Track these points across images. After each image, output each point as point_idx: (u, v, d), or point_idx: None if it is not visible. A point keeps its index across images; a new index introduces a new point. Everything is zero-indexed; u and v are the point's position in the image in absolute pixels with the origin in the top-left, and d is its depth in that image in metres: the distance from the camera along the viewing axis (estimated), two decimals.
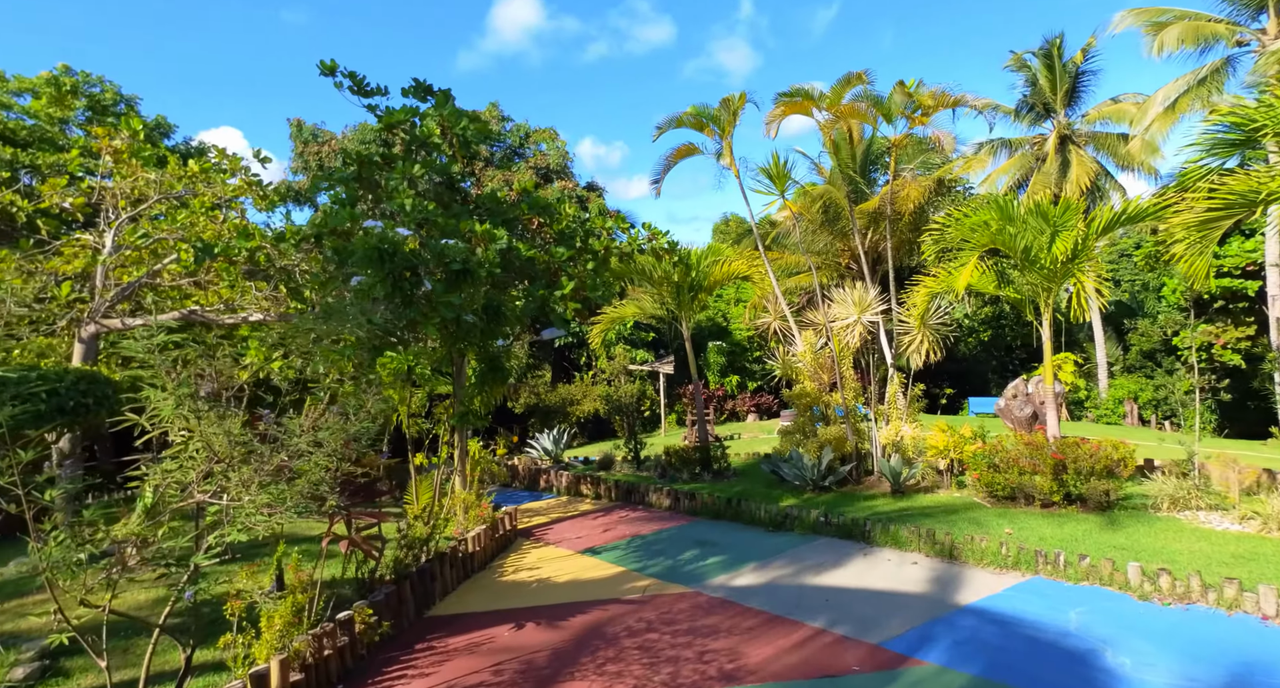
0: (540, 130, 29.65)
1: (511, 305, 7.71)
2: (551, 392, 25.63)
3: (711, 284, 14.29)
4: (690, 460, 14.29)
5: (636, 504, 12.22)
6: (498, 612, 6.52)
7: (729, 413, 31.20)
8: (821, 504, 10.24)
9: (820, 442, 11.52)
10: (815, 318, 11.84)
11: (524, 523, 11.39)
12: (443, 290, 6.38)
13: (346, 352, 5.80)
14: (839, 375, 10.94)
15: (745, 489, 12.18)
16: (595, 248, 9.74)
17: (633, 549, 8.94)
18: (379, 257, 6.10)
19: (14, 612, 6.05)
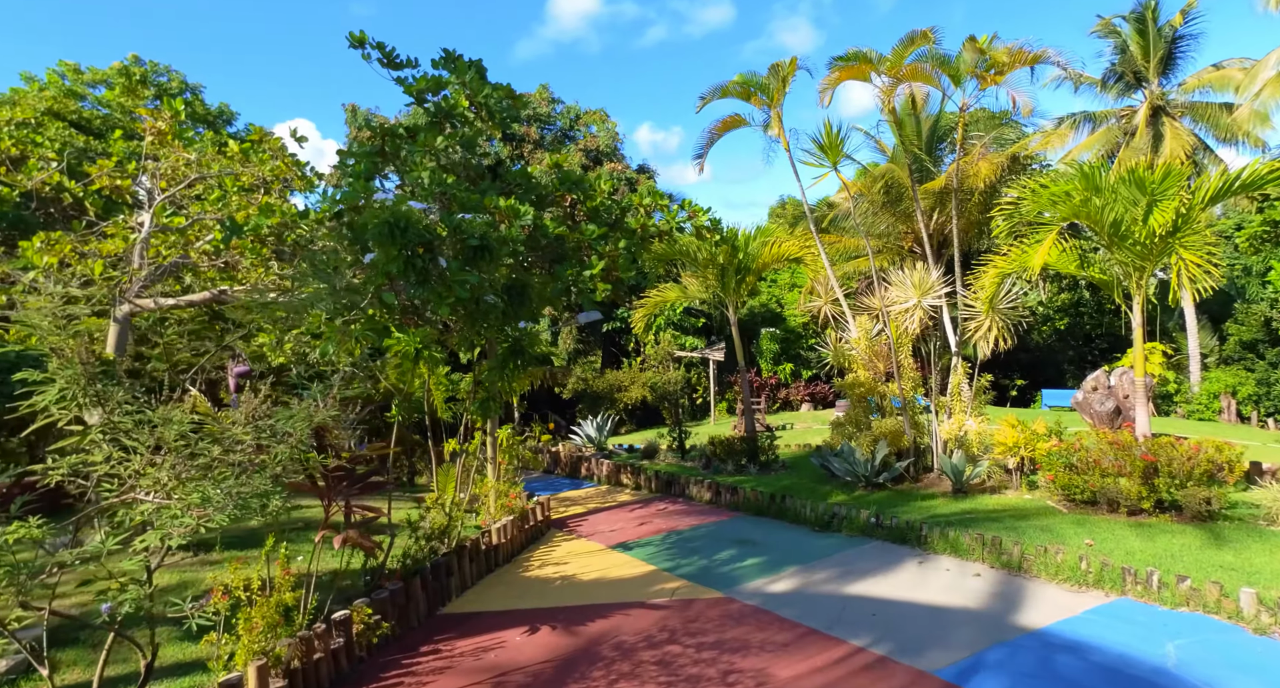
0: (590, 112, 29.14)
1: (536, 286, 7.24)
2: (599, 377, 25.30)
3: (760, 267, 13.52)
4: (736, 451, 13.65)
5: (676, 496, 11.68)
6: (514, 612, 6.10)
7: (782, 402, 30.25)
8: (873, 503, 9.46)
9: (874, 435, 10.69)
10: (871, 302, 10.96)
11: (559, 513, 11.03)
12: (458, 268, 5.95)
13: (354, 332, 5.45)
14: (896, 364, 10.05)
15: (792, 484, 11.47)
16: (631, 226, 9.17)
17: (666, 546, 8.42)
18: (390, 232, 5.70)
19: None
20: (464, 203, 6.84)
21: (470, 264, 6.23)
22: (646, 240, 9.62)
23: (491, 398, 6.76)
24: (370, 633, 4.75)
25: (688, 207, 9.64)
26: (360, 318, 5.84)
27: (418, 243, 5.87)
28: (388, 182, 7.33)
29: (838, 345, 11.57)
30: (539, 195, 8.55)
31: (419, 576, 5.78)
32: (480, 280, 6.42)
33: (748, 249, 13.36)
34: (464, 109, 7.96)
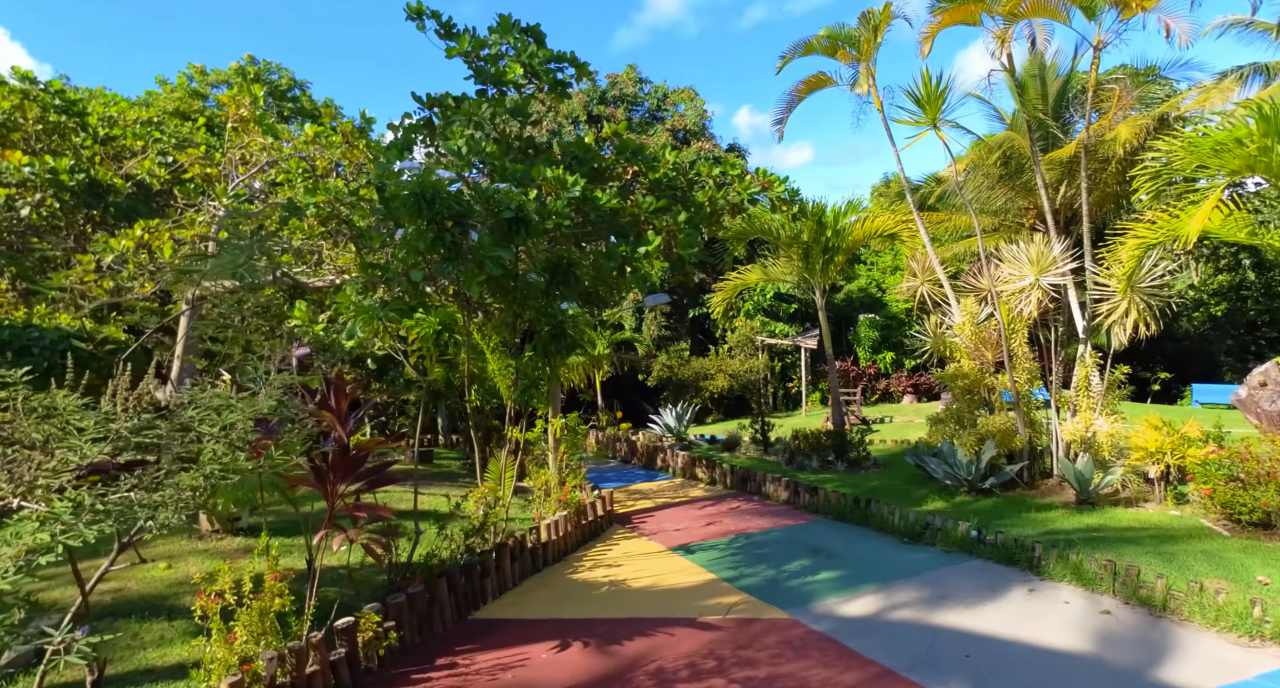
0: (679, 90, 28.21)
1: (585, 264, 6.60)
2: (685, 365, 24.56)
3: (851, 245, 12.28)
4: (822, 446, 12.57)
5: (751, 494, 10.81)
6: (549, 622, 5.54)
7: (881, 393, 28.33)
8: (976, 513, 8.21)
9: (980, 433, 9.35)
10: (979, 282, 9.56)
11: (626, 507, 10.46)
12: (490, 243, 5.40)
13: (376, 312, 5.04)
14: (1007, 352, 8.67)
15: (882, 485, 10.31)
16: (698, 200, 8.34)
17: (732, 551, 7.62)
18: (418, 203, 5.23)
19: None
20: (504, 173, 6.28)
21: (505, 239, 5.67)
22: (716, 215, 8.77)
23: (534, 384, 6.22)
24: (378, 643, 4.32)
25: (762, 176, 8.68)
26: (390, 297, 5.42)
27: (447, 215, 5.36)
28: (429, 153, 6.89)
29: (937, 332, 10.23)
30: (596, 167, 7.90)
31: (445, 577, 5.32)
32: (515, 256, 5.86)
33: (836, 226, 12.17)
34: (516, 75, 7.42)
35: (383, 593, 5.13)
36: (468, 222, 5.59)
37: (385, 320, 5.13)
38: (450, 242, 5.37)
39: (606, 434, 17.87)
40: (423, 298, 5.46)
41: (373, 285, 5.41)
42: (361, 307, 5.17)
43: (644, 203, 7.18)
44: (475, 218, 5.66)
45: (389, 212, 5.43)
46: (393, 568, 5.27)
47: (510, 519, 8.90)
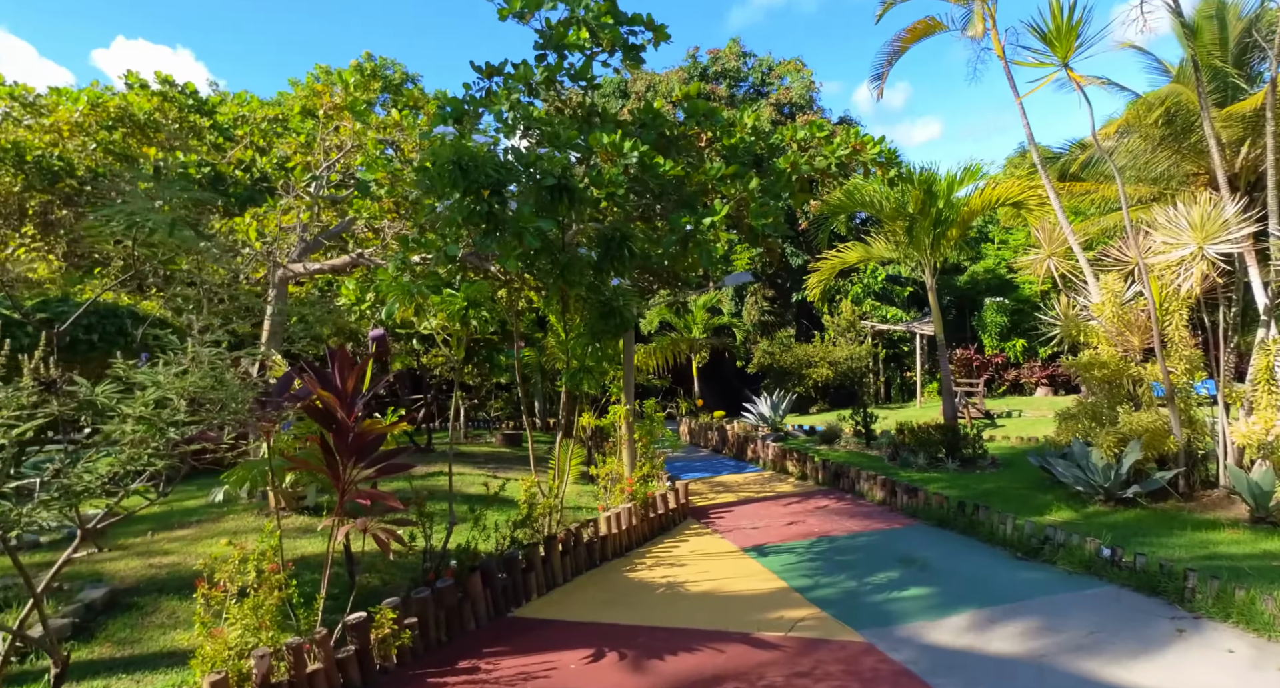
0: (785, 63, 26.77)
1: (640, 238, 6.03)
2: (787, 352, 23.43)
3: (967, 217, 10.87)
4: (930, 441, 11.33)
5: (844, 492, 9.87)
6: (591, 626, 5.10)
7: (1010, 384, 25.73)
8: (1111, 527, 6.90)
9: (1122, 433, 7.89)
10: (1124, 253, 8.06)
11: (706, 500, 9.87)
12: (531, 213, 4.97)
13: (410, 287, 4.76)
14: (1159, 337, 7.18)
15: (998, 488, 9.05)
16: (779, 166, 7.53)
17: (810, 556, 6.85)
18: (453, 172, 4.90)
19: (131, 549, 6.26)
20: (554, 139, 5.84)
21: (548, 209, 5.22)
22: (802, 183, 7.92)
23: (584, 368, 5.76)
24: (389, 643, 4.04)
25: (853, 136, 7.71)
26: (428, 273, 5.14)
27: (484, 184, 4.99)
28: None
29: (1069, 314, 8.76)
30: (665, 135, 7.29)
31: (481, 571, 5.00)
32: (559, 227, 5.40)
33: (949, 195, 10.80)
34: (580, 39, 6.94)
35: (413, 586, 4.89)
36: (507, 191, 5.19)
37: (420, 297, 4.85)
38: (487, 213, 5.00)
39: (699, 423, 17.29)
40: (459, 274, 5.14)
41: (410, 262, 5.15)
42: (400, 283, 4.91)
43: (710, 169, 6.50)
44: (517, 187, 5.26)
45: (429, 183, 5.13)
46: (429, 557, 5.02)
47: (578, 508, 8.59)
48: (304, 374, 3.73)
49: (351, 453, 3.75)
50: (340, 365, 3.67)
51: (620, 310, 5.51)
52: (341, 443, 3.70)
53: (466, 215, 5.01)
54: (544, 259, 5.38)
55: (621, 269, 5.91)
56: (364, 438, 3.76)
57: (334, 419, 3.64)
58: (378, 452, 4.02)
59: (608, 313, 5.51)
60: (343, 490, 3.83)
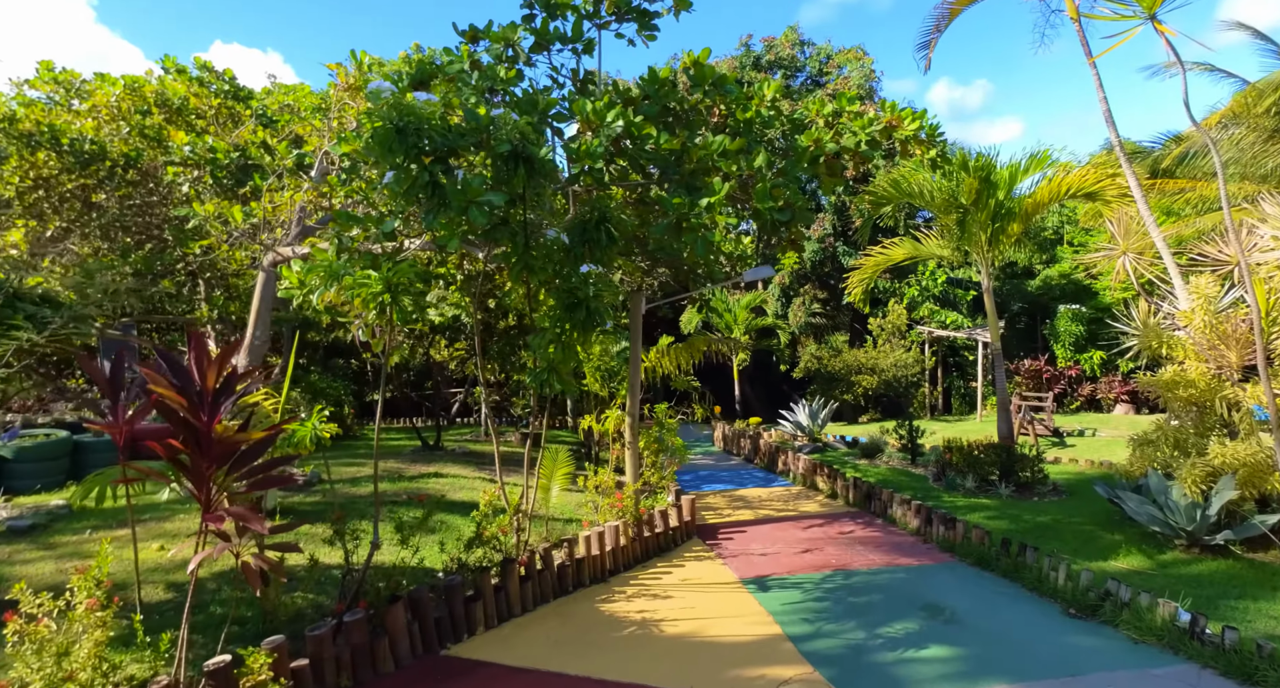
0: (844, 51, 25.35)
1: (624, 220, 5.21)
2: (836, 356, 22.09)
3: (1031, 209, 9.56)
4: (981, 462, 10.08)
5: (875, 516, 8.78)
6: (530, 674, 4.32)
7: (1085, 400, 23.60)
8: (1194, 582, 5.66)
9: (1212, 465, 6.58)
10: (1221, 251, 6.74)
11: (722, 516, 8.97)
12: (479, 185, 4.25)
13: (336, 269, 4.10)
14: (1263, 353, 5.87)
15: (1056, 522, 7.82)
16: (801, 144, 6.59)
17: (819, 594, 5.89)
18: (393, 135, 4.23)
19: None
20: (530, 104, 5.09)
21: (503, 182, 4.48)
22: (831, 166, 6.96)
23: (552, 368, 5.00)
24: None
25: (890, 110, 6.68)
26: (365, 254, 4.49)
27: (426, 150, 4.29)
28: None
29: (1149, 322, 7.44)
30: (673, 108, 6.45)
31: (410, 600, 4.30)
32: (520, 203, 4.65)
33: (1011, 186, 9.54)
34: None
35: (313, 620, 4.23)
36: (454, 160, 4.48)
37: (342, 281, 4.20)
38: (429, 183, 4.29)
39: (733, 429, 16.31)
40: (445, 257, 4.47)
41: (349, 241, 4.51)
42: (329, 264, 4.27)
43: (710, 143, 5.63)
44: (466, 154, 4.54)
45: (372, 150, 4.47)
46: (347, 583, 4.35)
47: (570, 521, 7.85)
48: (150, 362, 3.10)
49: (214, 462, 3.11)
50: (198, 355, 3.03)
51: (587, 302, 4.71)
52: (200, 450, 3.06)
53: (407, 187, 4.33)
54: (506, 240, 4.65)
55: (600, 255, 5.12)
56: (228, 446, 3.10)
57: (188, 423, 2.99)
58: (264, 459, 3.36)
59: (573, 305, 4.72)
60: (205, 505, 3.18)
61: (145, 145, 13.14)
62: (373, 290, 3.70)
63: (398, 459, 10.23)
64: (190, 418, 2.97)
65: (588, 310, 4.73)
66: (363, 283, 3.71)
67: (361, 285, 3.71)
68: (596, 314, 4.76)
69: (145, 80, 13.32)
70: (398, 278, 3.76)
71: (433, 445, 11.33)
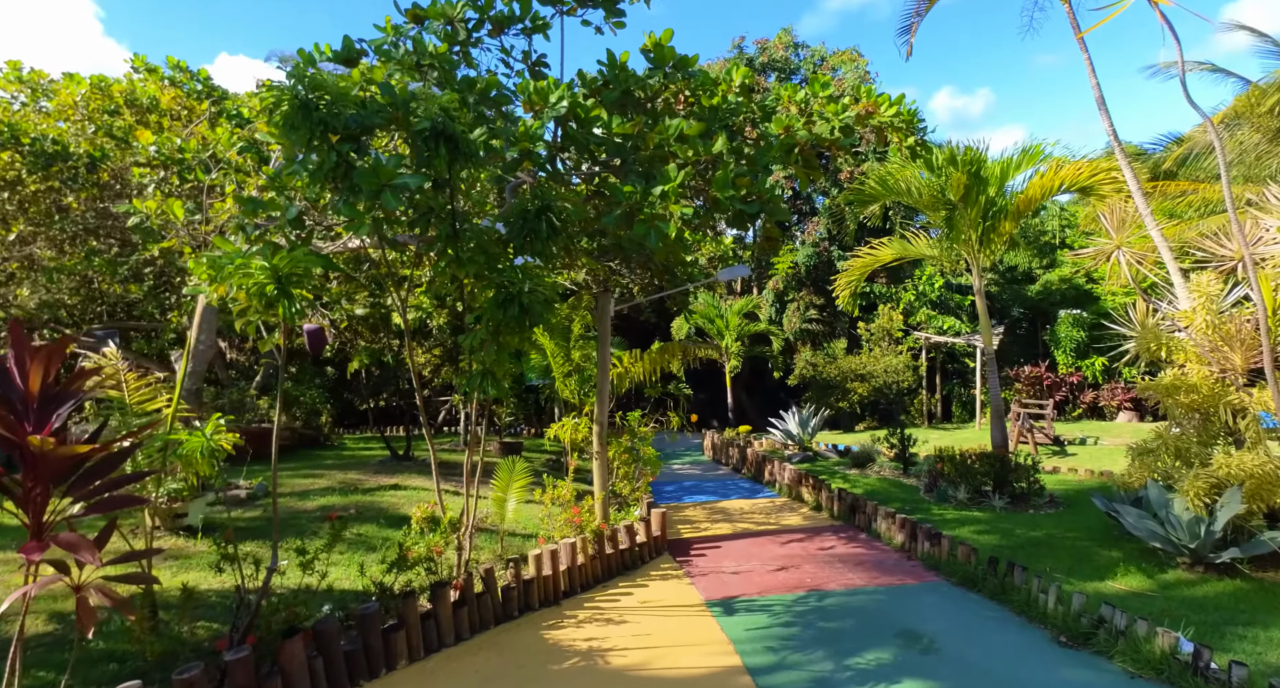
0: (839, 53, 24.98)
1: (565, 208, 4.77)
2: (831, 363, 21.60)
3: (1023, 205, 9.11)
4: (974, 472, 9.58)
5: (859, 530, 8.29)
6: None
7: (1088, 408, 23.04)
8: (1198, 606, 5.16)
9: (1216, 477, 6.08)
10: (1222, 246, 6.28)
11: (699, 530, 8.48)
12: (394, 167, 3.82)
13: (227, 260, 3.63)
14: (1269, 355, 5.40)
15: (1050, 537, 7.32)
16: (771, 131, 6.17)
17: (788, 619, 5.40)
18: (298, 111, 3.81)
19: None
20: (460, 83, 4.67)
21: (426, 164, 4.05)
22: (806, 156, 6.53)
23: (487, 372, 4.55)
24: None
25: (866, 95, 6.25)
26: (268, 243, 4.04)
27: (335, 128, 3.87)
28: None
29: (1147, 323, 6.96)
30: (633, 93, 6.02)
31: (313, 633, 3.83)
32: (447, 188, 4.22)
33: (1003, 181, 9.09)
34: None
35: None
36: (372, 141, 4.05)
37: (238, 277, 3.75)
38: (336, 165, 3.86)
39: (723, 438, 15.82)
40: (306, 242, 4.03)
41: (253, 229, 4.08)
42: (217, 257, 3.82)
43: (669, 127, 5.20)
44: (382, 134, 4.12)
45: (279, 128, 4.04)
46: (239, 614, 3.87)
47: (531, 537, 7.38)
48: None
49: (42, 481, 2.66)
50: (18, 354, 2.58)
51: (521, 298, 4.26)
52: (26, 467, 2.61)
53: (315, 168, 3.90)
54: (429, 229, 4.21)
55: (541, 247, 4.69)
56: (59, 462, 2.65)
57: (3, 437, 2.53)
58: (107, 478, 2.91)
59: (505, 301, 4.27)
60: (33, 532, 2.72)
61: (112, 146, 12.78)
62: (256, 281, 3.26)
63: (361, 471, 9.76)
64: (5, 430, 2.52)
65: (521, 307, 4.27)
66: (244, 272, 3.27)
67: (243, 275, 3.27)
68: (531, 311, 4.31)
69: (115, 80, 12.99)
70: (290, 268, 3.32)
71: (402, 456, 10.86)
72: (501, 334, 4.42)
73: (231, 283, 3.30)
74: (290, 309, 3.32)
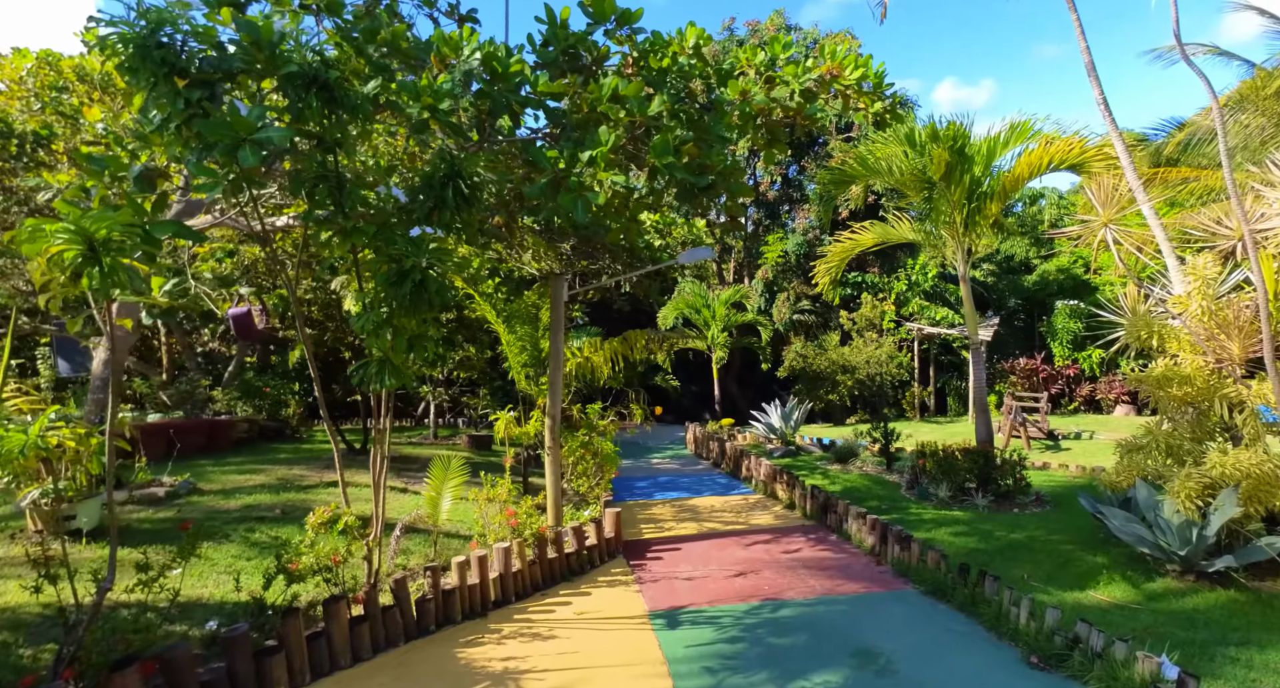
0: (832, 36, 24.28)
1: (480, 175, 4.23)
2: (821, 354, 21.03)
3: (1011, 184, 8.54)
4: (958, 469, 9.06)
5: (831, 530, 7.79)
6: None
7: (1084, 401, 22.49)
8: (1187, 620, 4.65)
9: (1209, 477, 5.55)
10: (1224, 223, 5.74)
11: (662, 531, 7.98)
12: (256, 117, 3.28)
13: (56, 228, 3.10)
14: (1270, 343, 4.85)
15: (1032, 540, 6.82)
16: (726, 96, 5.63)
17: (736, 633, 4.90)
18: (142, 52, 3.27)
19: None
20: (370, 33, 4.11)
21: (295, 116, 3.51)
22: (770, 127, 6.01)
23: (384, 361, 4.02)
24: None
25: (830, 56, 5.70)
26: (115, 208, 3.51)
27: (184, 71, 3.33)
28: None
29: (1138, 310, 6.41)
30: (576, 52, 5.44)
31: (139, 665, 3.30)
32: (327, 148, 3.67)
33: (988, 159, 8.53)
34: None
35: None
36: (228, 88, 3.50)
37: None
38: (185, 112, 3.32)
39: (705, 431, 15.30)
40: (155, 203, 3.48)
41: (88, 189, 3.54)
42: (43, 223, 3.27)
43: (603, 87, 4.65)
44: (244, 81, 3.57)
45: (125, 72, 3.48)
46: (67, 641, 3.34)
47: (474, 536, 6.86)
48: None
49: None
50: None
51: (414, 274, 3.72)
52: None
53: (164, 119, 3.36)
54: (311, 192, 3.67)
55: (449, 219, 4.15)
56: None
57: None
58: None
59: (398, 278, 3.74)
60: None
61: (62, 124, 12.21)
62: (60, 246, 2.72)
63: (310, 466, 9.26)
64: None
65: (414, 285, 3.74)
66: (39, 237, 2.72)
67: (38, 238, 2.72)
68: (428, 289, 3.78)
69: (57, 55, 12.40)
70: (102, 230, 2.78)
71: (358, 449, 10.36)
72: (396, 317, 3.88)
73: (25, 248, 2.76)
74: (105, 281, 2.78)
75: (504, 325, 8.21)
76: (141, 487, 6.63)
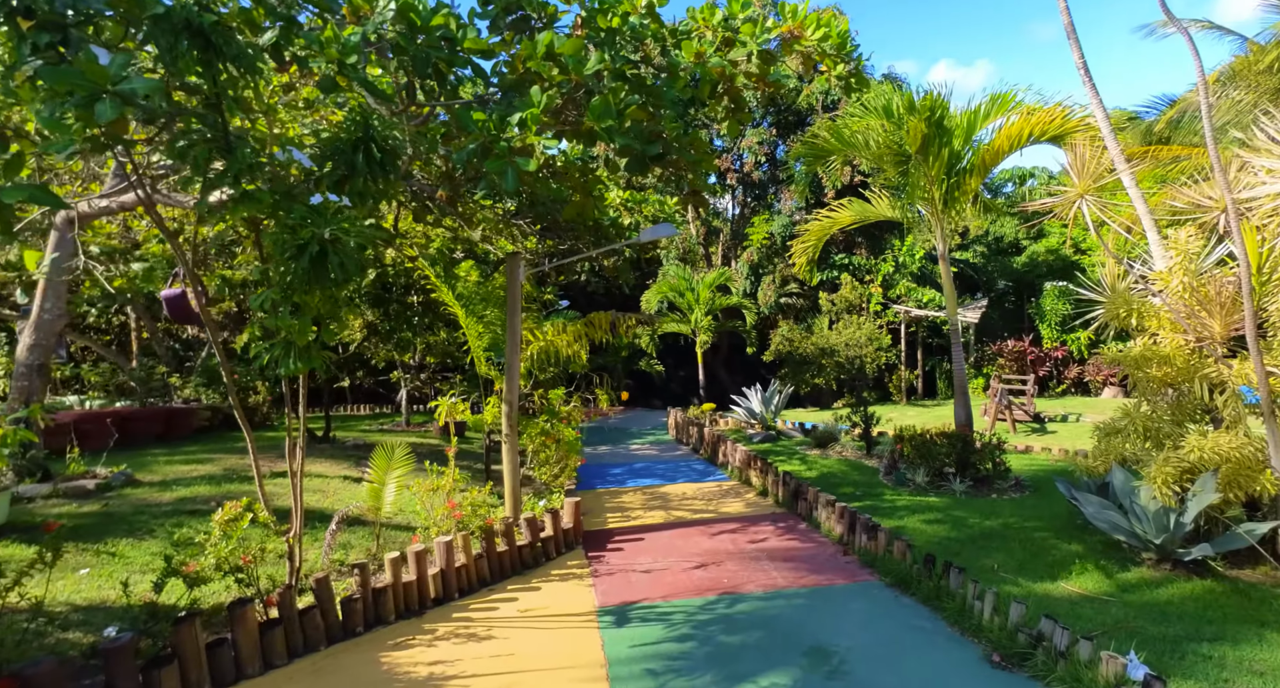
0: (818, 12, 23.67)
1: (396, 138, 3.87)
2: (807, 338, 20.74)
3: (990, 158, 8.19)
4: (935, 453, 8.80)
5: (801, 518, 7.52)
6: None
7: (1072, 383, 22.30)
8: (1160, 614, 4.39)
9: (1188, 461, 5.28)
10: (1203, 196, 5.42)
11: (628, 520, 7.70)
12: (121, 64, 2.91)
13: None
14: (1253, 320, 4.55)
15: (1007, 527, 6.56)
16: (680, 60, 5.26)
17: (688, 629, 4.62)
18: None
19: None
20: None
21: (171, 66, 3.13)
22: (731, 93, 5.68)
23: (288, 343, 3.68)
24: None
25: (790, 15, 5.33)
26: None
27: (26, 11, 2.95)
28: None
29: (1118, 286, 6.10)
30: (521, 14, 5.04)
31: (20, 678, 3.00)
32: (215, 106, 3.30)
33: (969, 133, 8.16)
34: None
35: None
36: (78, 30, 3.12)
37: None
38: (29, 57, 2.95)
39: (685, 416, 15.02)
40: None
41: None
42: None
43: (536, 43, 4.27)
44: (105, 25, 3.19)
45: None
46: None
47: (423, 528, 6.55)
48: None
49: None
50: None
51: (312, 245, 3.37)
52: None
53: (6, 67, 2.99)
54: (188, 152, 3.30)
55: (360, 186, 3.79)
56: None
57: None
58: None
59: (296, 249, 3.38)
60: None
61: None
62: None
63: (263, 455, 8.93)
64: None
65: (313, 257, 3.38)
66: None
67: None
68: (329, 261, 3.42)
69: None
70: None
71: (321, 438, 10.04)
72: (295, 294, 3.53)
73: None
74: None
75: (462, 308, 7.85)
76: (70, 479, 6.30)
